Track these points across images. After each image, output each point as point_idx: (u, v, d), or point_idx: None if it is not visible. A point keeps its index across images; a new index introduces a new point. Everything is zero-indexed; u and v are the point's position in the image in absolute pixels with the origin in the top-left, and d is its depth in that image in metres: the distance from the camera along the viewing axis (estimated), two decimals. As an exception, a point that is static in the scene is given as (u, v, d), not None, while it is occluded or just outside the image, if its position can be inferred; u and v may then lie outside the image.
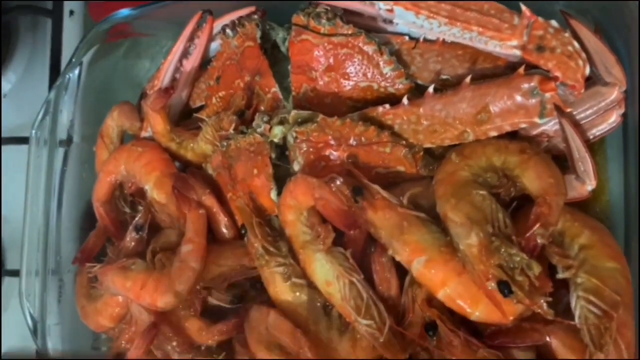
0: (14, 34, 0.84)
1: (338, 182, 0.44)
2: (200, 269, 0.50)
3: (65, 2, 0.83)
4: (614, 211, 0.43)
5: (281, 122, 0.49)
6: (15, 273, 0.64)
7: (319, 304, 0.47)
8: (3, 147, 0.79)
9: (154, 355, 0.51)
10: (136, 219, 0.58)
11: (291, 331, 0.45)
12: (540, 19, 0.41)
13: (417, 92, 0.48)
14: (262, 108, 0.54)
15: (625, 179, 0.42)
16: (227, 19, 0.56)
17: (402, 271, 0.43)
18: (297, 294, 0.47)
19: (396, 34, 0.48)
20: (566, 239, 0.41)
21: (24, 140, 0.69)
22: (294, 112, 0.48)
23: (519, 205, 0.42)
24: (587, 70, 0.41)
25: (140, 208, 0.60)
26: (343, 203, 0.43)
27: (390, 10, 0.44)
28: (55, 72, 0.83)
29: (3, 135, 0.81)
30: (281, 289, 0.47)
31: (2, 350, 0.77)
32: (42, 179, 0.64)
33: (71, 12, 0.83)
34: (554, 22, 0.41)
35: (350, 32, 0.48)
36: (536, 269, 0.37)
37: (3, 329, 0.75)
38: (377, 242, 0.44)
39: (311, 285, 0.47)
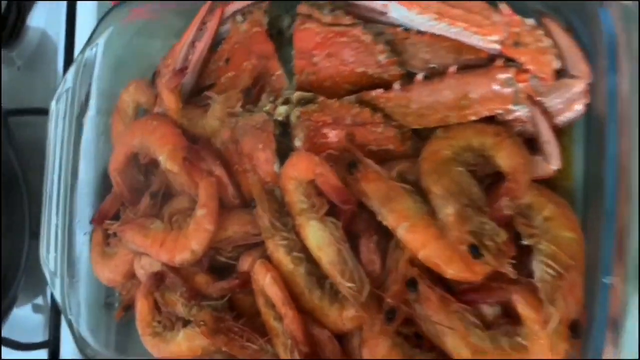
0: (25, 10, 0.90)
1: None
2: (214, 230, 0.56)
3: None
4: (577, 189, 0.49)
5: (286, 102, 0.54)
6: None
7: (314, 277, 0.53)
8: (20, 119, 0.85)
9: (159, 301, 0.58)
10: (151, 186, 0.64)
11: (280, 298, 0.51)
12: (518, 17, 0.47)
13: (407, 78, 0.53)
14: (268, 89, 0.60)
15: (585, 162, 0.48)
16: (238, 5, 0.61)
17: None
18: (297, 266, 0.53)
19: (391, 25, 0.53)
20: (533, 212, 0.47)
21: (41, 112, 0.75)
22: (297, 94, 0.53)
23: (493, 182, 0.48)
24: (557, 65, 0.46)
25: (154, 177, 0.66)
26: (339, 180, 0.49)
27: (386, 5, 0.49)
28: (70, 48, 0.88)
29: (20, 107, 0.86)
30: (283, 260, 0.53)
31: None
32: (61, 150, 0.70)
33: (85, -8, 0.87)
34: (529, 20, 0.47)
35: (349, 22, 0.53)
36: (502, 235, 0.43)
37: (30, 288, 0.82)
38: (364, 229, 0.50)
39: (309, 260, 0.53)
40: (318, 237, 0.50)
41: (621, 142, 0.40)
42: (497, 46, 0.47)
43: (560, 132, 0.49)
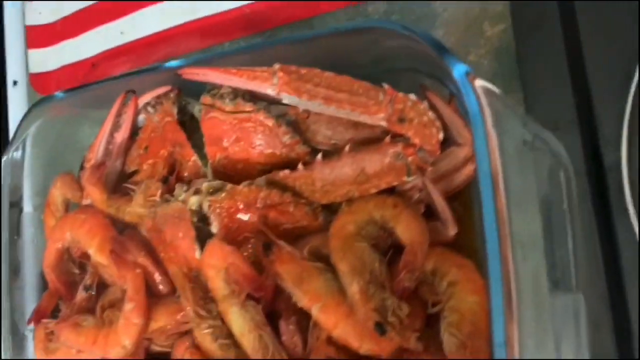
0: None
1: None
2: (143, 323, 0.57)
3: (8, 73, 0.90)
4: (480, 248, 0.51)
5: (196, 192, 0.56)
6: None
7: None
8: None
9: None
10: (84, 279, 0.65)
11: None
12: (400, 94, 0.49)
13: (314, 154, 0.55)
14: (186, 174, 0.61)
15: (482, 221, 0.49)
16: (147, 97, 0.63)
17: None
18: (225, 352, 0.54)
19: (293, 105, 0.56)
20: (437, 278, 0.48)
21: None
22: (205, 184, 0.55)
23: (397, 252, 0.50)
24: (441, 136, 0.49)
25: (89, 269, 0.67)
26: (251, 270, 0.50)
27: (278, 94, 0.52)
28: (3, 138, 0.90)
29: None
30: (211, 348, 0.54)
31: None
32: (-1, 249, 0.71)
33: (15, 82, 0.89)
34: (412, 96, 0.49)
35: (250, 109, 0.55)
36: (405, 309, 0.45)
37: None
38: (284, 310, 0.51)
39: (238, 345, 0.53)
40: (239, 323, 0.51)
41: (497, 200, 0.41)
42: (384, 123, 0.49)
43: (459, 195, 0.51)
